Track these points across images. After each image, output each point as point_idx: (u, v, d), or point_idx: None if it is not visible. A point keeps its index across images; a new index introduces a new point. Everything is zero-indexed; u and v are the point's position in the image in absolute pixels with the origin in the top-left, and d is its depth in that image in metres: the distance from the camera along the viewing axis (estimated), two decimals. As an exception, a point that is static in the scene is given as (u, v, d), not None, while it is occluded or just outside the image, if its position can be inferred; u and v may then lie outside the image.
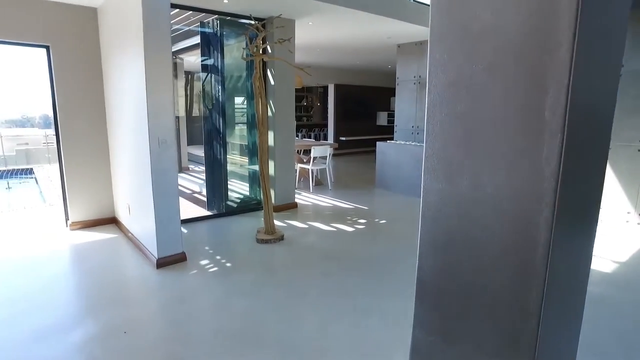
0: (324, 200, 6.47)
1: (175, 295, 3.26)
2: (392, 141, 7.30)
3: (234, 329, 2.76)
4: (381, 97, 13.60)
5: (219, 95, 5.42)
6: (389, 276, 3.62)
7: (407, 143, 6.93)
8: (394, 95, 14.53)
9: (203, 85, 5.62)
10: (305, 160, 7.62)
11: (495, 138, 1.09)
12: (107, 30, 4.38)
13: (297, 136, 13.89)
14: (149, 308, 3.14)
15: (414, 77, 7.13)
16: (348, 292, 3.33)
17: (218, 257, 4.05)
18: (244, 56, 4.56)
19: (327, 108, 12.75)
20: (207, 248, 4.34)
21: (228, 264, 3.88)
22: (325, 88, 13.17)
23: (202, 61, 5.46)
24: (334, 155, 12.76)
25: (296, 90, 15.88)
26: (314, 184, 7.62)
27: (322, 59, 9.70)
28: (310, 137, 14.29)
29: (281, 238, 4.54)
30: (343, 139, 12.44)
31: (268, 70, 5.49)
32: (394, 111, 14.64)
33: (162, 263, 3.73)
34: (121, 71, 4.10)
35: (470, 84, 1.13)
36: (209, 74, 5.44)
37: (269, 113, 5.57)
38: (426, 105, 1.24)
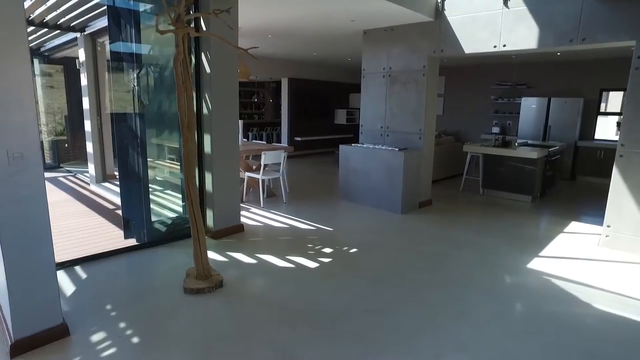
0: (278, 219, 5.24)
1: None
2: (358, 144, 6.20)
3: None
4: (340, 94, 12.52)
5: (135, 87, 4.04)
6: (374, 342, 2.48)
7: (377, 147, 5.86)
8: (354, 92, 13.66)
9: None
10: (254, 168, 6.35)
11: None
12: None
13: (247, 137, 12.53)
14: None
15: (384, 68, 6.06)
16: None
17: (122, 325, 2.72)
18: (160, 27, 3.20)
19: (281, 105, 11.47)
20: (108, 308, 2.98)
21: (135, 340, 2.57)
22: (279, 83, 11.89)
23: (110, 43, 4.04)
24: (289, 157, 11.59)
25: (245, 85, 14.45)
26: (265, 196, 6.37)
27: (275, 49, 8.44)
28: (261, 138, 12.95)
29: (219, 284, 3.27)
30: (298, 139, 11.24)
31: (203, 55, 4.18)
32: (353, 109, 13.76)
33: (22, 347, 2.36)
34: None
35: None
36: (129, 61, 4.04)
37: (205, 111, 4.26)
38: None
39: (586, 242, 4.59)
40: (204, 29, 4.12)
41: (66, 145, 9.49)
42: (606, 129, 8.85)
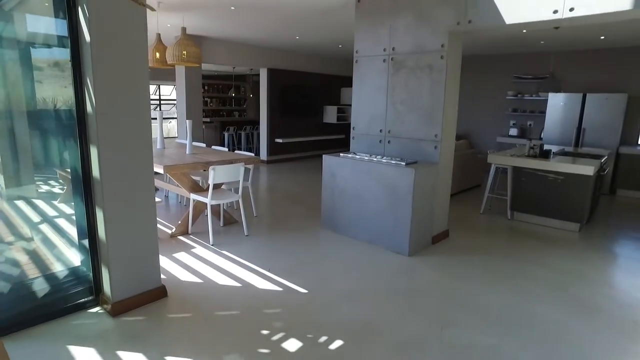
0: (230, 269, 3.54)
1: None
2: (348, 154, 4.51)
3: None
4: (330, 88, 10.80)
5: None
6: None
7: (375, 159, 4.17)
8: (346, 86, 11.90)
9: None
10: (205, 187, 4.63)
11: None
12: None
13: (223, 135, 10.78)
14: None
15: (384, 50, 4.37)
16: None
17: None
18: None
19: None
20: None
21: None
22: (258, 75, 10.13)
23: None
24: (267, 162, 9.84)
25: (221, 78, 12.60)
26: (222, 224, 4.66)
27: (246, 31, 6.70)
28: (239, 139, 11.20)
29: None
30: (279, 140, 9.51)
31: (81, 14, 2.44)
32: (345, 105, 11.96)
33: None
34: None
35: None
36: None
37: (88, 106, 2.53)
38: None
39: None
40: (82, -35, 2.39)
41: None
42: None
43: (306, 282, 3.31)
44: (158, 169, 3.87)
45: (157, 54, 4.97)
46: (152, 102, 14.13)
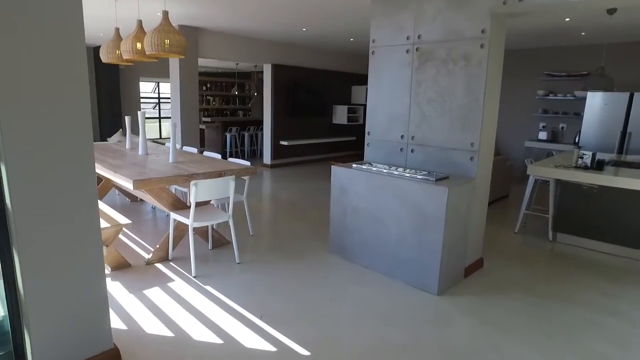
0: (211, 316, 2.77)
1: None
2: (361, 164, 3.72)
3: None
4: (339, 86, 10.00)
5: None
6: None
7: (395, 172, 3.38)
8: (358, 83, 11.07)
9: None
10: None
11: None
12: None
13: (225, 136, 10.05)
14: None
15: (408, 38, 3.57)
16: None
17: None
18: None
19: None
20: None
21: None
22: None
23: None
24: (271, 166, 9.07)
25: (225, 75, 11.74)
26: (211, 247, 3.91)
27: (244, 19, 5.94)
28: (243, 140, 10.45)
29: None
30: (284, 143, 8.74)
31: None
32: (357, 105, 11.13)
33: None
34: None
35: None
36: None
37: (-2, 107, 1.78)
38: None
39: None
40: None
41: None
42: None
43: (308, 337, 2.54)
44: (127, 183, 3.13)
45: (138, 44, 4.22)
46: (150, 100, 13.45)
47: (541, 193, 5.90)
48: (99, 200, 3.70)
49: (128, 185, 3.10)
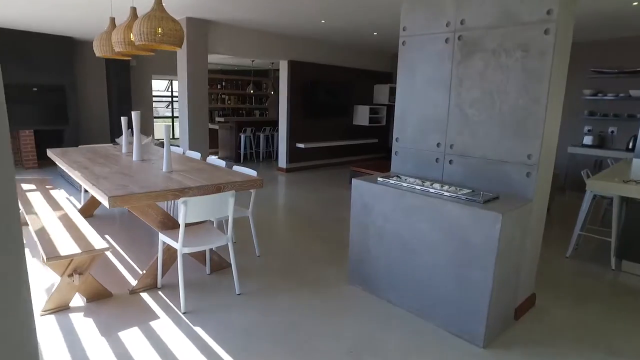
0: (197, 369, 2.20)
1: None
2: (388, 179, 3.07)
3: None
4: (361, 84, 9.34)
5: None
6: None
7: (429, 188, 2.73)
8: (381, 82, 10.34)
9: None
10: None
11: None
12: None
13: (240, 137, 9.52)
14: None
15: (447, 24, 2.92)
16: None
17: None
18: None
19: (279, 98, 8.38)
20: None
21: None
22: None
23: None
24: (286, 170, 8.47)
25: (242, 73, 11.22)
26: (208, 271, 3.35)
27: (258, 11, 5.36)
28: (258, 142, 9.91)
29: None
30: (301, 146, 8.15)
31: None
32: (379, 105, 10.39)
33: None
34: None
35: None
36: None
37: None
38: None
39: None
40: None
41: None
42: None
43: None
44: (102, 199, 2.58)
45: (131, 35, 3.69)
46: (163, 99, 13.06)
47: (594, 209, 5.13)
48: (82, 218, 3.18)
49: (104, 202, 2.56)
